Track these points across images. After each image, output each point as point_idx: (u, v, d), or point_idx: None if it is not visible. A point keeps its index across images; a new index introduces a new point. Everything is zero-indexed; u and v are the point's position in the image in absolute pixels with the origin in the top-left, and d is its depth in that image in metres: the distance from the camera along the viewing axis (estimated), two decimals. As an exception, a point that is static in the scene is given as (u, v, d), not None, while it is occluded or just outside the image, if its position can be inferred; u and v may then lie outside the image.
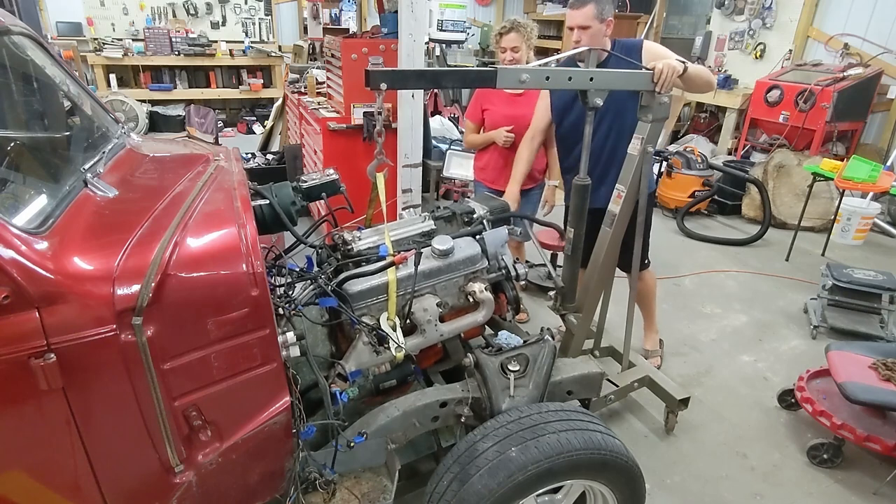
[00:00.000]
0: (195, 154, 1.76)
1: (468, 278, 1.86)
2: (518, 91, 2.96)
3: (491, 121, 3.19)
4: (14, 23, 1.49)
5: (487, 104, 3.19)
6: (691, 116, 7.15)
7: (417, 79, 1.92)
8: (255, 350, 1.22)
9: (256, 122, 8.47)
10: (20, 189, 1.23)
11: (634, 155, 2.12)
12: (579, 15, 2.30)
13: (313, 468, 1.53)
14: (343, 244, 1.82)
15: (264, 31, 8.71)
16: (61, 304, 1.00)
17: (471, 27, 9.85)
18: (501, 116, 3.13)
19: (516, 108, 3.07)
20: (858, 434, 2.27)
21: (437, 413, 1.74)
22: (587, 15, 2.29)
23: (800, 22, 5.89)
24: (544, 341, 1.81)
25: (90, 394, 1.07)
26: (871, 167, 4.20)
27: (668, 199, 5.52)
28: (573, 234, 2.26)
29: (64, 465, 1.11)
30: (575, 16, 2.32)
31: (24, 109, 1.55)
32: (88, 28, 7.76)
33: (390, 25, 3.71)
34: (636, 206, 2.20)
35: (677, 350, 3.28)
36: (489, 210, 2.08)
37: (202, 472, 1.24)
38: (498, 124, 3.14)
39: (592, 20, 2.30)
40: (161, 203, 1.30)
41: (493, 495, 1.45)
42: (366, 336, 1.65)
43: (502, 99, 3.13)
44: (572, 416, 1.61)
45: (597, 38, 2.34)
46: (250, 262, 1.17)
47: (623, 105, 2.36)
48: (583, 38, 2.32)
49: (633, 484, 1.66)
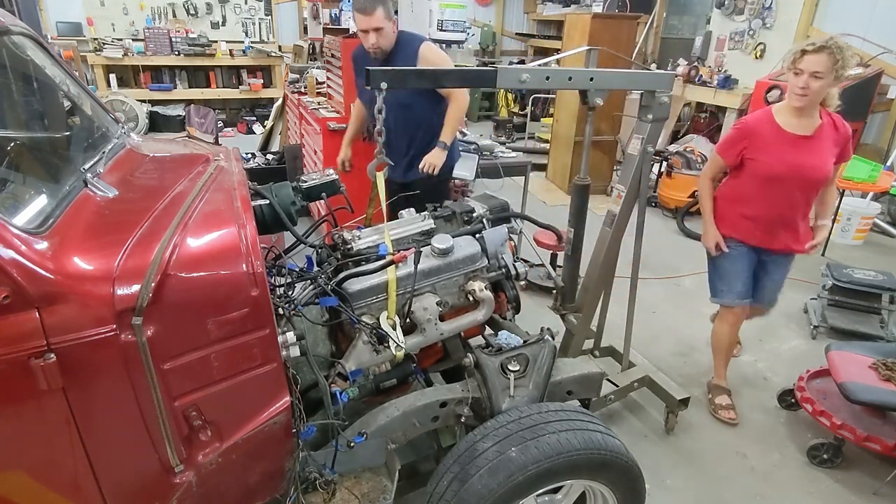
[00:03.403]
0: (195, 154, 1.76)
1: (468, 277, 1.86)
2: (807, 131, 2.34)
3: (760, 170, 2.43)
4: (14, 23, 1.49)
5: (756, 151, 2.41)
6: (691, 116, 7.14)
7: (417, 78, 1.92)
8: (255, 350, 1.22)
9: (256, 122, 8.47)
10: (20, 189, 1.23)
11: (634, 155, 2.13)
12: (372, 20, 2.57)
13: (313, 468, 1.53)
14: (343, 243, 1.82)
15: (264, 31, 8.71)
16: (61, 304, 1.00)
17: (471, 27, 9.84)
18: (780, 164, 2.36)
19: (802, 155, 2.34)
20: (858, 434, 2.27)
21: (437, 413, 1.74)
22: (379, 18, 2.57)
23: (800, 22, 5.89)
24: (544, 341, 1.81)
25: (90, 394, 1.07)
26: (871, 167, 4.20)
27: (668, 199, 5.51)
28: (573, 235, 2.26)
29: (64, 465, 1.11)
30: (368, 20, 2.58)
31: (24, 109, 1.55)
32: (88, 28, 7.75)
33: (390, 25, 3.71)
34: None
35: (677, 350, 3.28)
36: (489, 209, 2.08)
37: (202, 472, 1.24)
38: (772, 173, 2.39)
39: (384, 21, 2.59)
40: (161, 203, 1.30)
41: (493, 495, 1.45)
42: (366, 335, 1.65)
43: (785, 141, 2.36)
44: (572, 416, 1.61)
45: (388, 36, 2.66)
46: (250, 262, 1.17)
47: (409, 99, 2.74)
48: (378, 39, 2.62)
49: (634, 484, 1.66)
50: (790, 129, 2.35)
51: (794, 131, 2.35)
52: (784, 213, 2.47)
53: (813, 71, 2.18)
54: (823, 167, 2.36)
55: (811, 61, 2.18)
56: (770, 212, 2.48)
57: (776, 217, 2.48)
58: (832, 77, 2.19)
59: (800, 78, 2.22)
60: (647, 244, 2.39)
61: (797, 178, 2.37)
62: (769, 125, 2.39)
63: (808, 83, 2.21)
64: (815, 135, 2.35)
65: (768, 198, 2.45)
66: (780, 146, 2.37)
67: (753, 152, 2.42)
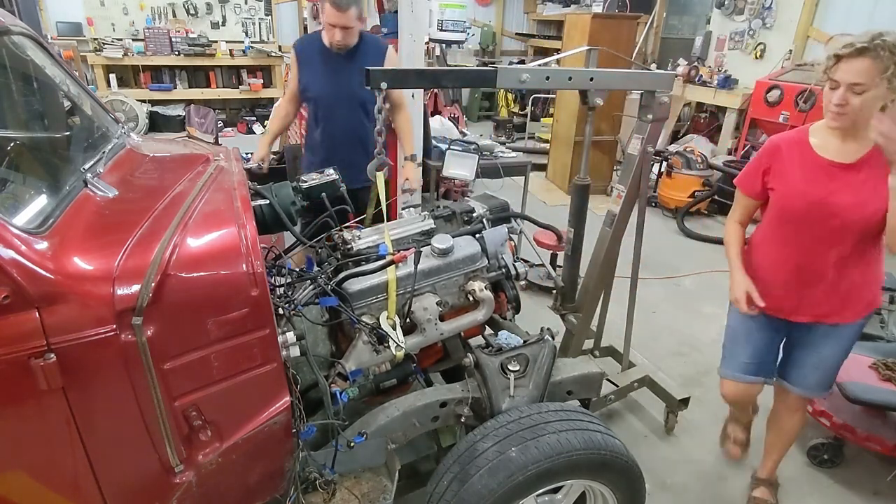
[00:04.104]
0: (195, 154, 1.76)
1: (468, 277, 1.87)
2: (848, 158, 1.72)
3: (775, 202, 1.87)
4: (14, 23, 1.49)
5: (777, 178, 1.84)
6: (691, 116, 7.14)
7: (417, 78, 1.92)
8: (255, 350, 1.22)
9: (256, 122, 8.47)
10: (20, 189, 1.23)
11: (634, 155, 2.13)
12: (345, 17, 2.53)
13: (313, 468, 1.53)
14: (343, 243, 1.82)
15: (264, 31, 8.71)
16: (61, 304, 1.00)
17: (471, 27, 9.85)
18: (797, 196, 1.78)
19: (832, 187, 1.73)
20: (858, 434, 2.27)
21: (437, 413, 1.74)
22: (351, 17, 2.54)
23: (800, 22, 5.89)
24: (544, 341, 1.81)
25: (90, 394, 1.07)
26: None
27: (668, 199, 5.52)
28: (573, 235, 2.26)
29: (64, 466, 1.11)
30: (340, 17, 2.53)
31: (24, 109, 1.55)
32: (88, 28, 7.75)
33: (390, 25, 3.70)
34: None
35: (677, 350, 3.28)
36: (489, 209, 2.08)
37: (202, 472, 1.24)
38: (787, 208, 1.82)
39: (355, 21, 2.57)
40: (161, 203, 1.30)
41: (493, 495, 1.45)
42: (366, 335, 1.65)
43: (814, 167, 1.77)
44: (572, 416, 1.61)
45: (354, 35, 2.64)
46: (250, 262, 1.17)
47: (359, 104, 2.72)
48: (344, 37, 2.58)
49: (634, 484, 1.66)
50: (824, 154, 1.75)
51: (828, 156, 1.74)
52: (807, 266, 1.81)
53: (851, 82, 1.59)
54: (862, 206, 1.68)
55: (849, 70, 1.59)
56: (787, 265, 1.85)
57: (794, 273, 1.84)
58: (884, 87, 1.58)
59: (836, 93, 1.63)
60: (647, 244, 2.39)
61: (821, 217, 1.73)
62: (799, 146, 1.80)
63: (846, 98, 1.61)
64: (858, 163, 1.70)
65: (786, 244, 1.84)
66: (805, 173, 1.77)
67: (774, 179, 1.84)
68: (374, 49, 2.73)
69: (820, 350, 1.92)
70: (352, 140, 2.75)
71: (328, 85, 2.69)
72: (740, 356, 2.02)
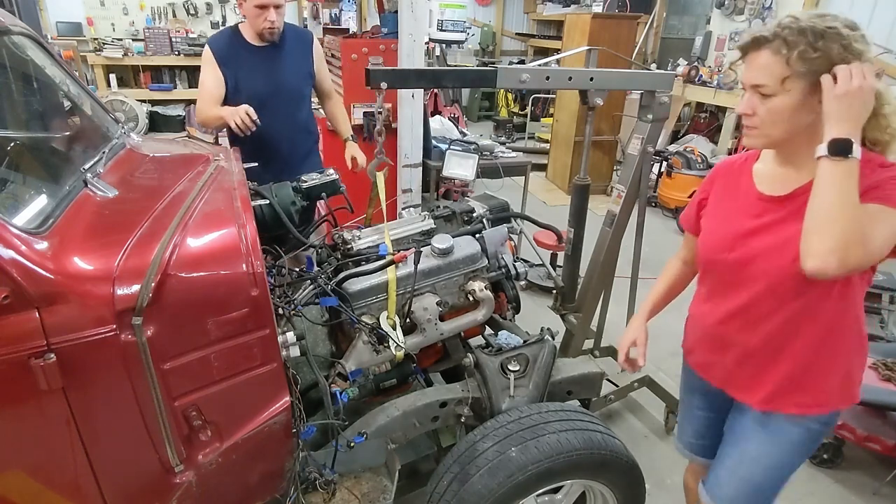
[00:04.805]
0: (195, 154, 1.76)
1: (468, 277, 1.87)
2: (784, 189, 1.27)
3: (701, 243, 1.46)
4: (14, 23, 1.49)
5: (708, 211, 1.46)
6: (691, 116, 7.14)
7: (417, 78, 1.92)
8: (255, 350, 1.22)
9: (256, 122, 8.46)
10: (20, 189, 1.23)
11: (634, 155, 2.13)
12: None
13: (313, 468, 1.53)
14: (343, 243, 1.82)
15: (264, 31, 8.70)
16: (61, 304, 1.00)
17: (471, 27, 9.85)
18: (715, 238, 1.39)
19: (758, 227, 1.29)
20: (858, 434, 2.27)
21: (437, 413, 1.74)
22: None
23: (800, 22, 5.89)
24: (544, 341, 1.81)
25: (90, 394, 1.07)
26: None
27: (668, 199, 5.52)
28: (573, 235, 2.26)
29: (64, 466, 1.11)
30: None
31: (24, 109, 1.55)
32: (88, 28, 7.75)
33: (390, 25, 3.71)
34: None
35: (677, 350, 3.27)
36: (489, 209, 2.08)
37: (202, 472, 1.24)
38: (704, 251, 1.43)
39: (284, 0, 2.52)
40: (161, 203, 1.30)
41: (493, 495, 1.45)
42: (366, 335, 1.65)
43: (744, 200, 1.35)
44: (572, 416, 1.62)
45: (283, 15, 2.56)
46: (250, 262, 1.17)
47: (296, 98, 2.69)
48: (278, 19, 2.50)
49: (634, 484, 1.66)
50: (759, 184, 1.32)
51: (762, 188, 1.31)
52: (727, 325, 1.37)
53: (753, 84, 1.19)
54: (780, 250, 1.22)
55: (750, 67, 1.19)
56: (708, 318, 1.45)
57: (712, 330, 1.43)
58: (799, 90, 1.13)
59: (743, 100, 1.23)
60: (646, 244, 2.40)
61: (740, 266, 1.30)
62: (738, 174, 1.39)
63: (751, 106, 1.20)
64: (792, 195, 1.24)
65: (710, 294, 1.45)
66: (731, 207, 1.37)
67: (705, 214, 1.47)
68: (299, 38, 2.66)
69: (744, 445, 1.42)
70: (293, 130, 2.73)
71: (264, 81, 2.55)
72: (686, 430, 1.68)
